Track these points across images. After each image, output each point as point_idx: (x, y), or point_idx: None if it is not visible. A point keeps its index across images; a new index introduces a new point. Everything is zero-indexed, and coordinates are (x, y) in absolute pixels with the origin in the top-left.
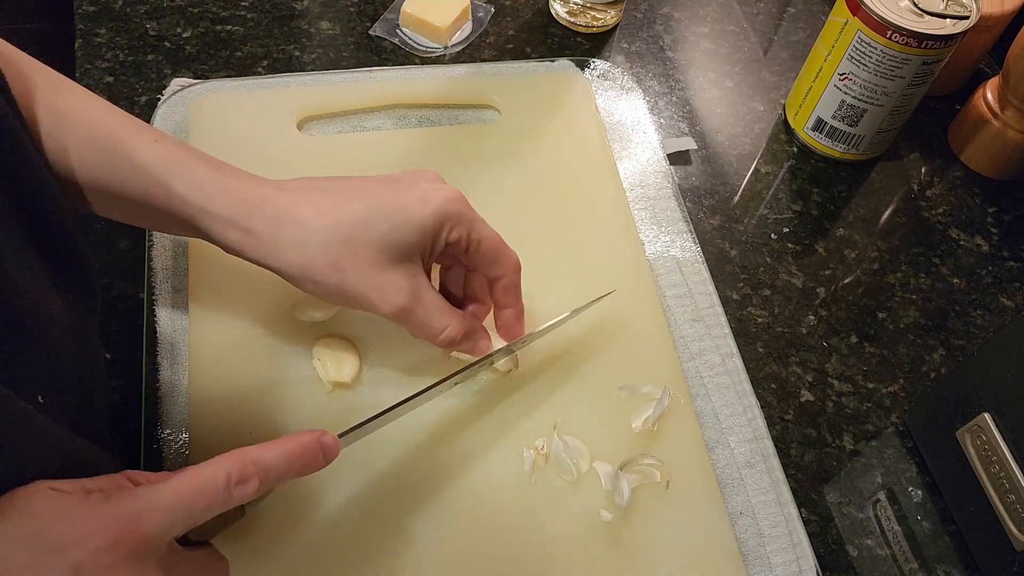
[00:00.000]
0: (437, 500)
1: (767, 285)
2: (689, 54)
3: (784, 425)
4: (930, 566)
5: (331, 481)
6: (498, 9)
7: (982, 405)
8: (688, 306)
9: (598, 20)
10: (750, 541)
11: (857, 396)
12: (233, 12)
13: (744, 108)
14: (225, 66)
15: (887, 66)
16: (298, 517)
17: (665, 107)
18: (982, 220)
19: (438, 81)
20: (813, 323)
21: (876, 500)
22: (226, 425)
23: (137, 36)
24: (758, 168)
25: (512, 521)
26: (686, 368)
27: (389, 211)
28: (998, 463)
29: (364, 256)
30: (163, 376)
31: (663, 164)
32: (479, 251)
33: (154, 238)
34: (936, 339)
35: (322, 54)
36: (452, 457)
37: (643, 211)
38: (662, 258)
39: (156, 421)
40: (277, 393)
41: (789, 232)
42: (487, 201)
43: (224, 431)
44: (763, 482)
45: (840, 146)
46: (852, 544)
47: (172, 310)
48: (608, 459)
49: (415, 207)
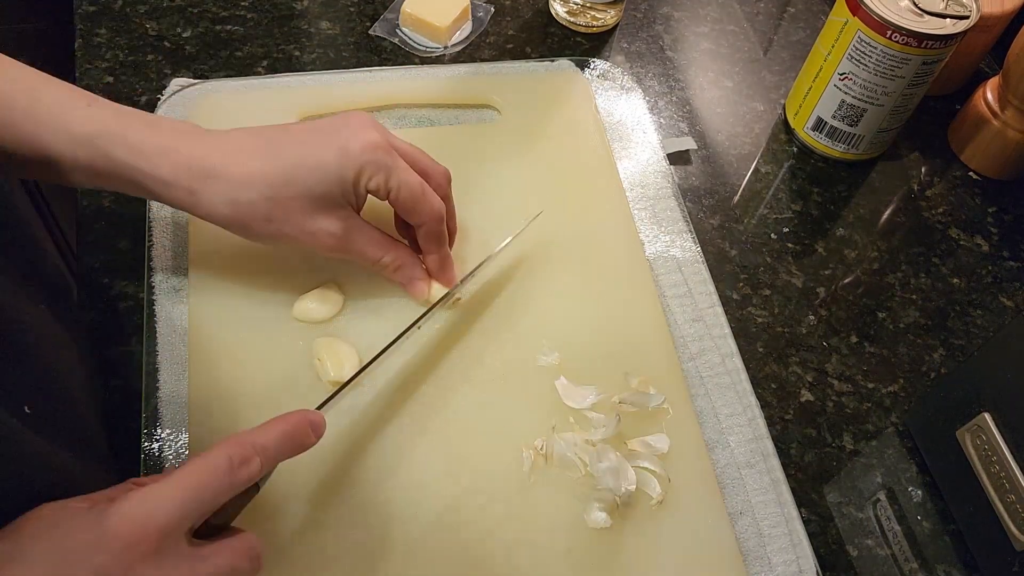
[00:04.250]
0: (436, 500)
1: (767, 285)
2: (689, 54)
3: (784, 425)
4: (930, 566)
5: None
6: (498, 9)
7: (982, 405)
8: (688, 306)
9: (598, 20)
10: (750, 541)
11: (857, 396)
12: (233, 12)
13: (744, 108)
14: (225, 66)
15: (887, 66)
16: (289, 517)
17: (665, 107)
18: (982, 220)
19: (438, 81)
20: (813, 323)
21: (876, 500)
22: (226, 425)
23: (137, 36)
24: (758, 168)
25: (511, 520)
26: (686, 368)
27: (312, 164)
28: (998, 463)
29: (293, 207)
30: (163, 376)
31: (663, 164)
32: (398, 199)
33: (154, 238)
34: (936, 339)
35: (322, 54)
36: (452, 457)
37: (643, 211)
38: (662, 258)
39: (156, 421)
40: (277, 393)
41: (789, 232)
42: (487, 201)
43: (224, 431)
44: (763, 482)
45: (840, 146)
46: (852, 544)
47: (172, 310)
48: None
49: (335, 159)
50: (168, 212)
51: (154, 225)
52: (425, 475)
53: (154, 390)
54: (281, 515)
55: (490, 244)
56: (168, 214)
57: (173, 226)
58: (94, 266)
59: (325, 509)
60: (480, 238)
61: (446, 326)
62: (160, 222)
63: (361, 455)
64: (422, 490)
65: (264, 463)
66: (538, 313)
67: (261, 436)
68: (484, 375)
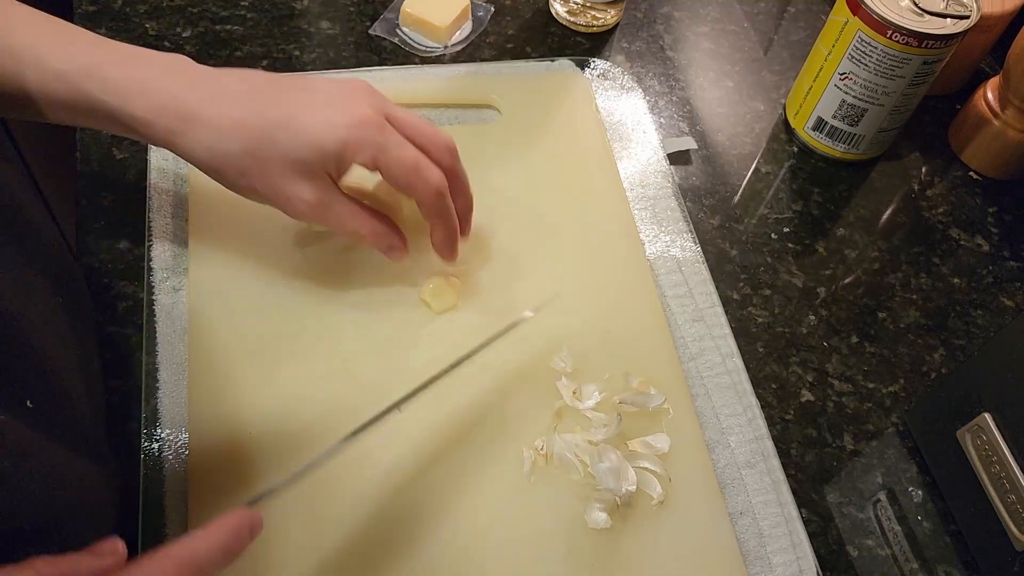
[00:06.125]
0: (436, 500)
1: (767, 285)
2: (689, 54)
3: (784, 425)
4: (930, 566)
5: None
6: (498, 9)
7: (982, 405)
8: (688, 306)
9: (598, 20)
10: (750, 541)
11: (857, 396)
12: (233, 12)
13: (744, 108)
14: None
15: (887, 66)
16: (289, 516)
17: (665, 107)
18: (982, 220)
19: (438, 81)
20: (813, 323)
21: (876, 500)
22: (226, 425)
23: (137, 36)
24: (758, 168)
25: (511, 521)
26: (686, 368)
27: (295, 128)
28: (998, 463)
29: (270, 167)
30: (163, 376)
31: (663, 164)
32: (389, 175)
33: (154, 238)
34: (936, 339)
35: (322, 54)
36: (452, 457)
37: (643, 211)
38: (662, 258)
39: (156, 421)
40: (276, 393)
41: (789, 232)
42: (487, 201)
43: (224, 431)
44: (763, 482)
45: (840, 146)
46: (852, 544)
47: (172, 310)
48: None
49: (320, 129)
50: (168, 213)
51: (154, 225)
52: (425, 475)
53: (154, 390)
54: (280, 514)
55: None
56: (168, 215)
57: (173, 227)
58: (94, 266)
59: (324, 508)
60: (480, 237)
61: (446, 325)
62: (160, 223)
63: (360, 455)
64: (422, 490)
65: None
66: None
67: (201, 550)
68: (483, 375)
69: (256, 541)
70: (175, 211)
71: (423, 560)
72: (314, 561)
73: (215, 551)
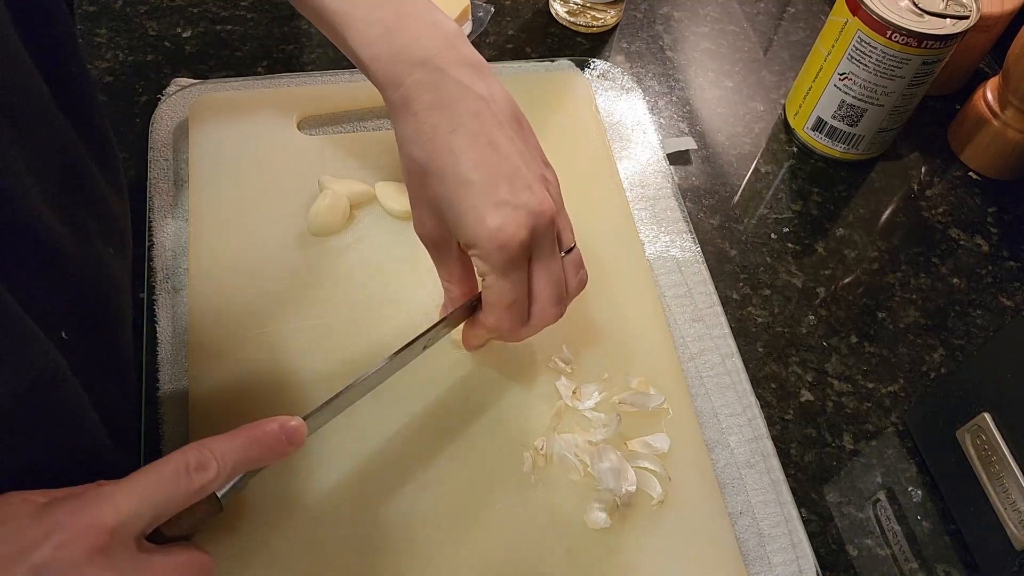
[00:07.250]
0: (436, 500)
1: (767, 285)
2: (689, 54)
3: (784, 425)
4: (930, 566)
5: (325, 478)
6: (498, 9)
7: (982, 405)
8: (688, 306)
9: (598, 20)
10: (750, 541)
11: (857, 396)
12: (233, 12)
13: (744, 108)
14: (225, 66)
15: (887, 66)
16: (290, 515)
17: (665, 107)
18: (982, 220)
19: None
20: (813, 323)
21: (876, 500)
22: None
23: (137, 36)
24: (758, 168)
25: (511, 521)
26: (686, 368)
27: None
28: (998, 463)
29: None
30: (163, 376)
31: (663, 164)
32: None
33: (154, 238)
34: (936, 339)
35: (322, 54)
36: (452, 457)
37: (643, 211)
38: (662, 258)
39: (156, 421)
40: (277, 393)
41: (789, 232)
42: None
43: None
44: (763, 482)
45: (840, 146)
46: (852, 544)
47: (172, 310)
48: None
49: (467, 220)
50: (168, 212)
51: (154, 225)
52: (425, 475)
53: (154, 390)
54: (280, 514)
55: None
56: (168, 214)
57: (173, 226)
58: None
59: (324, 508)
60: None
61: None
62: (160, 222)
63: (360, 454)
64: (422, 490)
65: (222, 470)
66: None
67: (223, 443)
68: (483, 375)
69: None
70: (175, 211)
71: (423, 560)
72: (313, 560)
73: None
